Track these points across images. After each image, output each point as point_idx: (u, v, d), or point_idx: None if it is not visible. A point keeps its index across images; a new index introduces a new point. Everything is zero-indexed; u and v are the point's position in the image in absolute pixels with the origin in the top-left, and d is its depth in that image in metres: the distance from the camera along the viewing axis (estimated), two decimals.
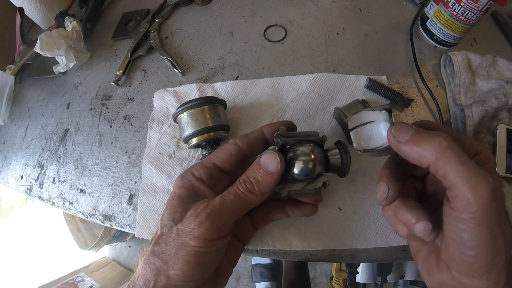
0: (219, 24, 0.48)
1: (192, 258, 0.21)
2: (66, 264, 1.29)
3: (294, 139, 0.26)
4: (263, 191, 0.24)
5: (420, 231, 0.22)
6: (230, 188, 0.24)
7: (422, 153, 0.19)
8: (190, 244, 0.21)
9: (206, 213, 0.22)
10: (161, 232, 0.23)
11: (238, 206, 0.23)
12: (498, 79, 0.35)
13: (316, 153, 0.25)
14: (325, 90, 0.38)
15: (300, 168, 0.24)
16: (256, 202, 0.24)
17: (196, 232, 0.21)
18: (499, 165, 0.32)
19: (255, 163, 0.24)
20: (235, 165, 0.27)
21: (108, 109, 0.44)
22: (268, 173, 0.24)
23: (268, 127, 0.28)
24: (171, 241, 0.22)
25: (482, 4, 0.33)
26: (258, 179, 0.24)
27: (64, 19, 0.48)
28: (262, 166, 0.24)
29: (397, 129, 0.21)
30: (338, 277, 1.02)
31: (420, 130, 0.20)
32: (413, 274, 0.86)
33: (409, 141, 0.20)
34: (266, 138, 0.28)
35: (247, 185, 0.24)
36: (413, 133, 0.20)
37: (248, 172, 0.24)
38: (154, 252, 0.23)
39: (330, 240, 0.31)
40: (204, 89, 0.41)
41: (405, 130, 0.20)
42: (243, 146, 0.27)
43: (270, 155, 0.24)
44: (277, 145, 0.25)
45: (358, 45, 0.42)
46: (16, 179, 0.45)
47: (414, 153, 0.20)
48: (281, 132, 0.26)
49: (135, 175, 0.38)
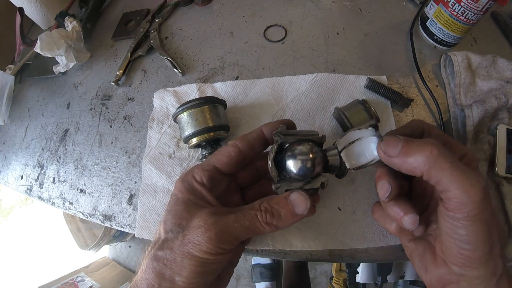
0: (219, 24, 0.48)
1: (198, 267, 0.21)
2: (66, 264, 1.29)
3: (293, 138, 0.26)
4: (280, 226, 0.23)
5: (408, 223, 0.23)
6: (246, 211, 0.23)
7: (414, 164, 0.20)
8: (196, 255, 0.21)
9: (216, 230, 0.22)
10: (165, 237, 0.23)
11: (249, 232, 0.23)
12: (498, 79, 0.35)
13: (315, 152, 0.25)
14: (325, 90, 0.38)
15: (299, 167, 0.24)
16: (268, 232, 0.24)
17: (203, 246, 0.21)
18: (499, 165, 0.32)
19: (283, 197, 0.23)
20: (235, 167, 0.27)
21: (108, 109, 0.44)
22: (293, 213, 0.23)
23: (267, 126, 0.27)
24: (177, 248, 0.22)
25: (482, 4, 0.33)
26: (281, 215, 0.23)
27: (64, 19, 0.48)
28: (290, 204, 0.23)
29: (386, 144, 0.22)
30: (338, 277, 1.02)
31: (409, 140, 0.21)
32: (413, 274, 0.86)
33: (400, 154, 0.21)
34: (265, 138, 0.27)
35: (267, 216, 0.23)
36: (403, 145, 0.21)
37: (272, 201, 0.23)
38: (158, 257, 0.22)
39: (330, 240, 0.31)
40: (204, 89, 0.41)
41: (394, 143, 0.21)
42: (243, 148, 0.26)
43: (302, 198, 0.23)
44: (276, 143, 0.25)
45: (358, 45, 0.42)
46: (16, 179, 0.45)
47: (406, 165, 0.21)
48: (281, 130, 0.25)
49: (135, 175, 0.38)
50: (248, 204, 0.24)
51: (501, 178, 0.32)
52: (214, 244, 0.21)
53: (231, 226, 0.22)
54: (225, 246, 0.22)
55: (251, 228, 0.23)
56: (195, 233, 0.22)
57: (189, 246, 0.22)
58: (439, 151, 0.19)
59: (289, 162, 0.25)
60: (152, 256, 0.23)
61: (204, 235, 0.21)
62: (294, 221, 0.23)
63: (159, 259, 0.22)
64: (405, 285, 0.88)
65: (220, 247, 0.22)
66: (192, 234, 0.22)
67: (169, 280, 0.22)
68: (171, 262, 0.22)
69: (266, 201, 0.24)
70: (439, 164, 0.19)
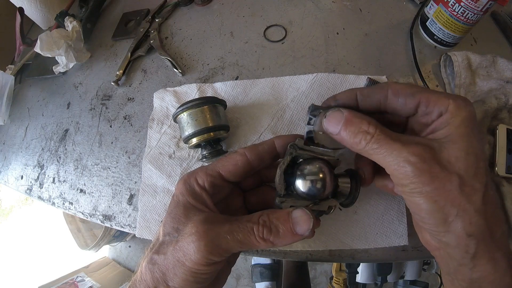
0: (219, 24, 0.48)
1: (188, 276, 0.21)
2: (66, 264, 1.29)
3: (308, 154, 0.24)
4: (276, 244, 0.21)
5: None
6: (243, 222, 0.22)
7: (350, 144, 0.22)
8: (186, 264, 0.21)
9: (206, 241, 0.21)
10: (163, 240, 0.23)
11: (242, 246, 0.21)
12: (498, 79, 0.35)
13: (328, 175, 0.23)
14: (325, 90, 0.38)
15: (309, 186, 0.23)
16: (263, 248, 0.22)
17: (192, 256, 0.21)
18: (499, 165, 0.32)
19: (285, 213, 0.22)
20: (240, 177, 0.26)
21: (108, 109, 0.44)
22: (293, 232, 0.21)
23: (280, 139, 0.26)
24: (169, 254, 0.22)
25: (482, 4, 0.33)
26: (279, 232, 0.21)
27: (64, 19, 0.48)
28: (291, 222, 0.21)
29: (328, 120, 0.23)
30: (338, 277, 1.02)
31: (349, 118, 0.22)
32: (413, 274, 0.86)
33: (340, 131, 0.22)
34: (277, 152, 0.26)
35: (264, 230, 0.21)
36: (344, 123, 0.22)
37: (272, 215, 0.22)
38: (153, 260, 0.22)
39: (330, 240, 0.31)
40: (204, 89, 0.41)
41: (336, 120, 0.22)
42: (251, 158, 0.25)
43: (306, 217, 0.21)
44: (290, 155, 0.24)
45: (358, 45, 0.42)
46: (16, 179, 0.45)
47: (345, 143, 0.23)
48: (298, 143, 0.24)
49: (135, 175, 0.38)
50: (247, 215, 0.23)
51: (501, 178, 0.31)
52: (203, 255, 0.20)
53: (222, 238, 0.21)
54: (214, 258, 0.21)
55: (244, 242, 0.21)
56: (186, 241, 0.21)
57: (180, 254, 0.21)
58: (377, 130, 0.20)
59: (299, 179, 0.23)
60: (149, 259, 0.23)
61: (194, 244, 0.21)
62: (292, 241, 0.21)
63: (155, 263, 0.22)
64: (405, 285, 0.88)
65: (209, 258, 0.21)
66: (183, 241, 0.21)
67: (164, 285, 0.22)
68: (165, 267, 0.22)
69: (266, 214, 0.22)
70: (375, 145, 0.20)
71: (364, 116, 0.22)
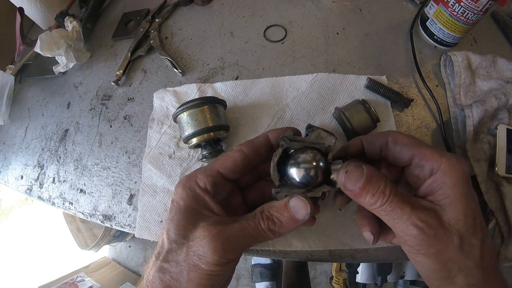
0: (219, 24, 0.48)
1: (204, 280, 0.21)
2: (66, 264, 1.29)
3: (299, 144, 0.25)
4: (283, 233, 0.23)
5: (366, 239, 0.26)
6: (250, 219, 0.23)
7: (367, 204, 0.22)
8: (202, 267, 0.21)
9: (221, 241, 0.21)
10: (169, 248, 0.23)
11: (255, 240, 0.23)
12: (498, 79, 0.35)
13: (319, 162, 0.24)
14: (325, 90, 0.38)
15: (302, 174, 0.24)
16: (273, 239, 0.24)
17: (209, 258, 0.21)
18: (499, 165, 0.32)
19: (283, 205, 0.23)
20: (240, 173, 0.26)
21: (108, 109, 0.44)
22: (294, 219, 0.23)
23: (273, 132, 0.27)
24: (182, 261, 0.22)
25: (482, 4, 0.33)
26: (282, 222, 0.23)
27: (64, 19, 0.48)
28: (290, 211, 0.23)
29: (348, 178, 0.22)
30: (338, 277, 1.02)
31: (369, 177, 0.21)
32: (413, 274, 0.86)
33: (359, 190, 0.22)
34: (271, 143, 0.27)
35: (269, 223, 0.23)
36: (363, 182, 0.21)
37: (272, 208, 0.23)
38: (163, 269, 0.22)
39: (330, 240, 0.31)
40: (204, 89, 0.41)
41: (355, 178, 0.22)
42: (248, 153, 0.26)
43: (301, 203, 0.23)
44: (281, 147, 0.25)
45: (358, 45, 0.42)
46: (16, 179, 0.45)
47: (362, 203, 0.22)
48: (287, 135, 0.25)
49: (135, 175, 0.38)
50: (250, 213, 0.24)
51: (501, 178, 0.32)
52: (220, 254, 0.21)
53: (236, 235, 0.22)
54: (231, 256, 0.22)
55: (256, 236, 0.23)
56: (199, 245, 0.21)
57: (195, 258, 0.21)
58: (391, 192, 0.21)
59: (292, 168, 0.24)
60: (158, 268, 0.22)
61: (209, 245, 0.21)
62: (296, 226, 0.23)
63: (166, 272, 0.22)
64: (405, 285, 0.88)
65: (226, 257, 0.21)
66: (196, 245, 0.22)
67: None
68: (178, 275, 0.22)
69: (266, 209, 0.23)
70: (388, 208, 0.21)
71: (381, 175, 0.22)
